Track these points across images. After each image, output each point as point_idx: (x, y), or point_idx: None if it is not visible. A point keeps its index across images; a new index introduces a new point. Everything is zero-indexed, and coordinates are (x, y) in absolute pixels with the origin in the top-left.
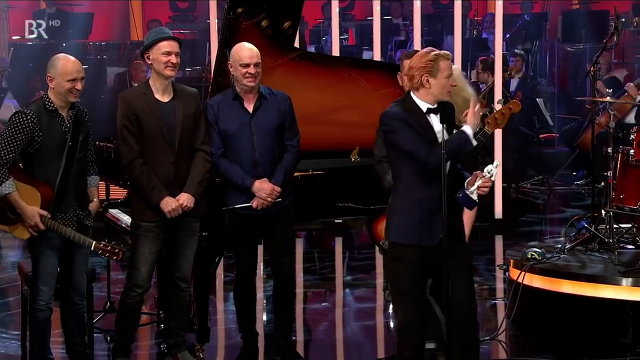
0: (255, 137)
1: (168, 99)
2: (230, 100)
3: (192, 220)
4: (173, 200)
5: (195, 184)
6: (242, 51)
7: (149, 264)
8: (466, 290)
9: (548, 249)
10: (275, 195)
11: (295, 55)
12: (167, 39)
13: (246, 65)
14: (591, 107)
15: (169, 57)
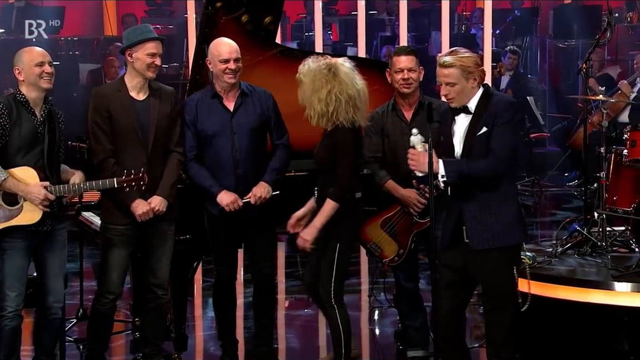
0: (236, 136)
1: (144, 97)
2: (209, 99)
3: (166, 225)
4: (144, 203)
5: (168, 187)
6: (220, 46)
7: (120, 269)
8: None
9: (539, 252)
10: (266, 196)
11: (276, 52)
12: (154, 40)
13: (225, 61)
14: (583, 106)
15: (153, 58)
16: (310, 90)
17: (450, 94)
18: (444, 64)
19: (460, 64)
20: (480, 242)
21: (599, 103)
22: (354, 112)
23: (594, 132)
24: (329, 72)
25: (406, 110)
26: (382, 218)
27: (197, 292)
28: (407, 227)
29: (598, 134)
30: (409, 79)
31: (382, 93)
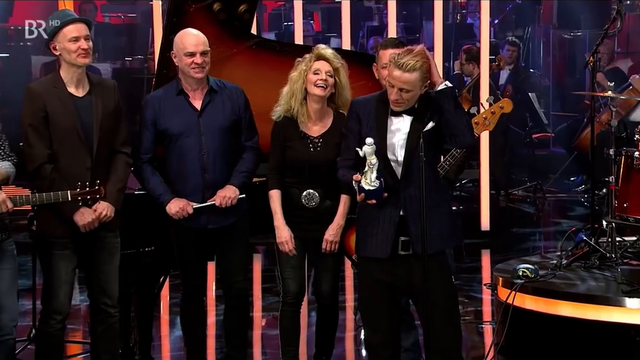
0: (203, 137)
1: (84, 93)
2: (173, 96)
3: (111, 236)
4: (89, 211)
5: (115, 191)
6: (186, 38)
7: (67, 286)
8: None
9: (542, 265)
10: (233, 199)
11: (252, 44)
12: (71, 22)
13: (191, 54)
14: (591, 103)
15: (77, 42)
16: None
17: (400, 100)
18: (406, 67)
19: (423, 67)
20: (431, 247)
21: (608, 100)
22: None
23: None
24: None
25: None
26: None
27: (163, 310)
28: None
29: (607, 135)
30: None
31: (369, 89)
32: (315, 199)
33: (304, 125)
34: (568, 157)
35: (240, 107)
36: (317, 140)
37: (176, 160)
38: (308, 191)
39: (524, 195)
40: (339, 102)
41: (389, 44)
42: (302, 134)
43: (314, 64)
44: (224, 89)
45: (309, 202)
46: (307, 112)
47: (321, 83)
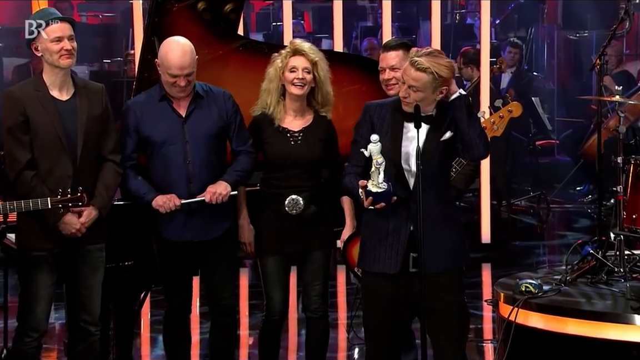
0: (188, 145)
1: (68, 97)
2: (156, 101)
3: (95, 250)
4: (74, 220)
5: (103, 196)
6: (171, 57)
7: (44, 302)
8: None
9: (546, 280)
10: (224, 195)
11: (238, 45)
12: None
13: (174, 76)
14: (597, 108)
15: (60, 43)
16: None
17: (408, 98)
18: (416, 65)
19: (435, 71)
20: (442, 264)
21: (616, 105)
22: None
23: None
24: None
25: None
26: None
27: (144, 328)
28: None
29: (614, 142)
30: (392, 79)
31: (362, 93)
32: (300, 204)
33: (282, 121)
34: (573, 165)
35: (229, 112)
36: (297, 134)
37: (159, 170)
38: (292, 197)
39: (526, 206)
40: (318, 97)
41: (386, 46)
42: (281, 128)
43: (290, 61)
44: (210, 94)
45: (292, 209)
46: (285, 109)
47: (298, 82)
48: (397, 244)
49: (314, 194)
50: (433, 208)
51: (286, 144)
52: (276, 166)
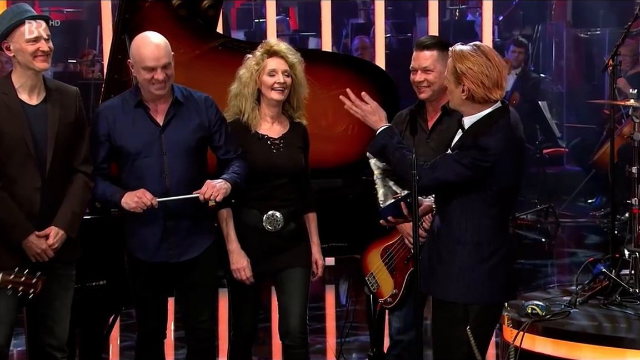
0: (166, 157)
1: (38, 101)
2: (131, 107)
3: (66, 269)
4: (40, 240)
5: (69, 216)
6: (144, 49)
7: (7, 326)
8: None
9: (554, 301)
10: (223, 192)
11: (217, 44)
12: (30, 20)
13: (151, 69)
14: (610, 113)
15: (37, 44)
16: None
17: (424, 84)
18: (423, 44)
19: (455, 61)
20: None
21: (630, 110)
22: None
23: (624, 146)
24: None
25: (432, 116)
26: (384, 245)
27: (113, 354)
28: (403, 262)
29: (629, 150)
30: (424, 82)
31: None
32: (279, 221)
33: (258, 128)
34: (585, 175)
35: (211, 120)
36: (278, 141)
37: (133, 184)
38: (270, 213)
39: (533, 220)
40: (293, 101)
41: (419, 45)
42: (260, 135)
43: (268, 63)
44: (191, 99)
45: (270, 225)
46: (260, 115)
47: (279, 87)
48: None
49: (293, 210)
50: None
51: (268, 152)
52: (259, 176)
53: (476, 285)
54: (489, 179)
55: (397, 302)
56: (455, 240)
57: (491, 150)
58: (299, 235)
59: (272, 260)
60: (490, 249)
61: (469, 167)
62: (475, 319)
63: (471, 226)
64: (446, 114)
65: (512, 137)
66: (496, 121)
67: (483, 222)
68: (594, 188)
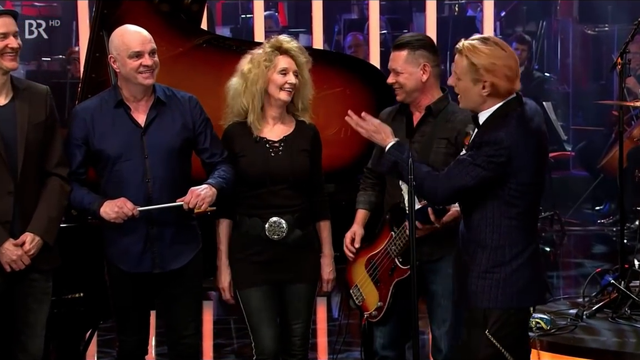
0: (148, 160)
1: (6, 101)
2: (110, 108)
3: (41, 280)
4: (16, 248)
5: (45, 220)
6: (128, 36)
7: None
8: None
9: (560, 314)
10: (209, 200)
11: (202, 41)
12: None
13: (138, 55)
14: (619, 115)
15: (5, 40)
16: None
17: (456, 89)
18: (456, 49)
19: (467, 55)
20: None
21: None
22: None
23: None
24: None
25: (417, 116)
26: (368, 255)
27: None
28: (387, 272)
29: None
30: (395, 83)
31: (346, 97)
32: (282, 228)
33: (259, 131)
34: (592, 181)
35: (196, 121)
36: (277, 144)
37: (113, 190)
38: (273, 219)
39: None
40: (298, 102)
41: (395, 43)
42: (258, 138)
43: (280, 61)
44: (174, 99)
45: (274, 233)
46: (264, 116)
47: (289, 87)
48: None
49: (299, 216)
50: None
51: (265, 156)
52: (254, 182)
53: (492, 289)
54: (507, 176)
55: (382, 316)
56: (476, 243)
57: (504, 143)
58: (307, 244)
59: (278, 270)
60: (512, 251)
61: (485, 167)
62: (494, 323)
63: (490, 228)
64: (430, 114)
65: (528, 128)
66: (507, 113)
67: (503, 223)
68: (601, 194)
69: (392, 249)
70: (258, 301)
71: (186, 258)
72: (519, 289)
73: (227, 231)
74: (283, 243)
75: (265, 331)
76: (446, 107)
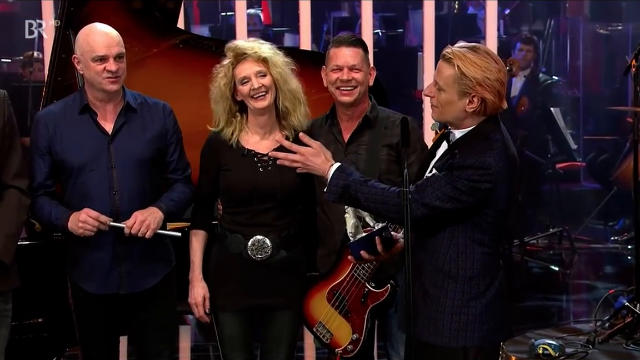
0: (116, 171)
1: None
2: (74, 114)
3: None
4: None
5: (2, 238)
6: (93, 37)
7: None
8: None
9: (569, 341)
10: (153, 228)
11: (178, 41)
12: None
13: (102, 59)
14: (634, 122)
15: None
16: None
17: (433, 100)
18: (443, 56)
19: (461, 67)
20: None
21: None
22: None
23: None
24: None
25: (346, 125)
26: (329, 287)
27: None
28: (359, 300)
29: None
30: (351, 81)
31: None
32: (266, 248)
33: (245, 142)
34: (605, 194)
35: (168, 130)
36: (266, 157)
37: (77, 203)
38: (257, 238)
39: (544, 246)
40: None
41: (341, 41)
42: (246, 151)
43: (237, 71)
44: (145, 106)
45: (257, 253)
46: (248, 127)
47: (257, 93)
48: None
49: (285, 236)
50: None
51: (253, 171)
52: (239, 199)
53: (472, 324)
54: (487, 203)
55: (360, 349)
56: (445, 274)
57: (492, 169)
58: (293, 267)
59: (259, 295)
60: (485, 281)
61: (467, 192)
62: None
63: (463, 258)
64: (368, 125)
65: (509, 153)
66: (487, 135)
67: (476, 250)
68: (615, 209)
69: (360, 275)
70: (233, 328)
71: (157, 277)
72: (495, 324)
73: (202, 243)
74: (266, 264)
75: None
76: (378, 113)
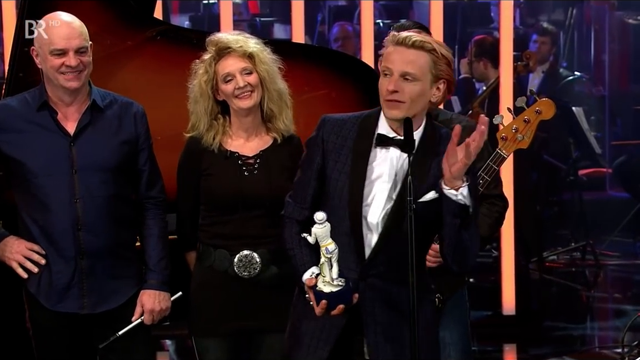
0: (77, 177)
1: None
2: (32, 110)
3: None
4: None
5: None
6: (53, 29)
7: None
8: None
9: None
10: (165, 310)
11: (155, 33)
12: None
13: (60, 53)
14: None
15: None
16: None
17: (401, 94)
18: (412, 42)
19: (436, 51)
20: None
21: None
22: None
23: None
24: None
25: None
26: None
27: None
28: None
29: None
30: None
31: (332, 101)
32: (255, 264)
33: (229, 145)
34: (633, 204)
35: (140, 134)
36: (252, 160)
37: (34, 212)
38: (244, 253)
39: (566, 262)
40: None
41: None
42: (229, 153)
43: (219, 67)
44: (115, 106)
45: (244, 270)
46: (231, 129)
47: (242, 92)
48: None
49: (276, 250)
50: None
51: (238, 175)
52: (223, 207)
53: None
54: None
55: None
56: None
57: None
58: (284, 285)
59: (247, 317)
60: None
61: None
62: None
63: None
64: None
65: None
66: (437, 130)
67: None
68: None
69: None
70: (218, 355)
71: (124, 296)
72: None
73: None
74: (255, 282)
75: None
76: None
